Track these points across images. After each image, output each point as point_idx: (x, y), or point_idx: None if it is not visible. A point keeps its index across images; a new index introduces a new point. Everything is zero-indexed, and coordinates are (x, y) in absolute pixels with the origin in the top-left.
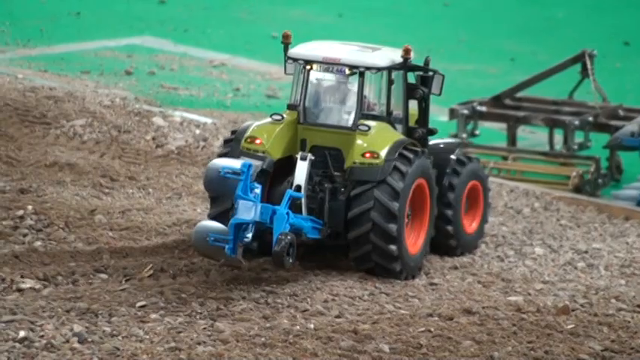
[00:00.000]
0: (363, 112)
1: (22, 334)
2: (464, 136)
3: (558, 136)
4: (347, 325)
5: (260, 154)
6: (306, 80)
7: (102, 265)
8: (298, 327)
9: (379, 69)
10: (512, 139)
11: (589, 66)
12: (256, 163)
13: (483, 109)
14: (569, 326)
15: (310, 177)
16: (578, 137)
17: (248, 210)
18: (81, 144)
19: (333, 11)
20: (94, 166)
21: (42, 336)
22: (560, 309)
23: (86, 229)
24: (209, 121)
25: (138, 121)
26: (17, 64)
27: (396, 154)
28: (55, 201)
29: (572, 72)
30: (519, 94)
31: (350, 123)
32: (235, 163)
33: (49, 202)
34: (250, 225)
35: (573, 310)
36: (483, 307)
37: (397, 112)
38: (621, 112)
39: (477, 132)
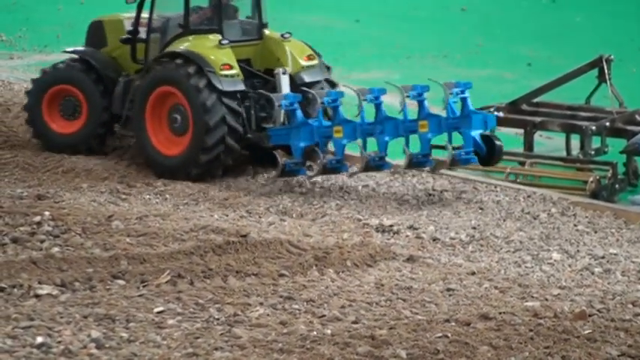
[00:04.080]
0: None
1: (39, 339)
2: None
3: (575, 142)
4: (364, 330)
5: (237, 78)
6: (218, 4)
7: (119, 271)
8: (315, 333)
9: None
10: (529, 145)
11: (606, 71)
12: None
13: (500, 114)
14: (586, 331)
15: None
16: (595, 143)
17: None
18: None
19: (351, 17)
20: (111, 172)
21: (59, 342)
22: (577, 314)
23: (103, 235)
24: None
25: None
26: (34, 69)
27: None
28: (72, 207)
29: (590, 77)
30: (536, 100)
31: (258, 34)
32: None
33: (66, 208)
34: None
35: (590, 316)
36: (500, 313)
37: None
38: (638, 118)
39: None
